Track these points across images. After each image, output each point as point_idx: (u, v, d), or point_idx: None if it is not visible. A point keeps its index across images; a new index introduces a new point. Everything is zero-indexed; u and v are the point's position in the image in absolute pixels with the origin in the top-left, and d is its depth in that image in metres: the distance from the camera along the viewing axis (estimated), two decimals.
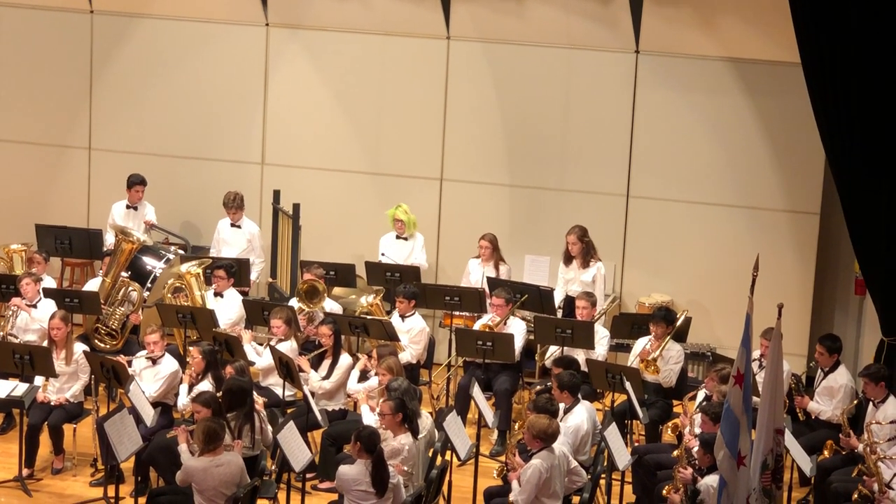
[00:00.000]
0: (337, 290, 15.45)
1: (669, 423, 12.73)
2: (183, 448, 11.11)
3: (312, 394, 12.84)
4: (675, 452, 11.58)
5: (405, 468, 11.35)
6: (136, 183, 16.13)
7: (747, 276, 10.22)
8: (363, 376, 13.16)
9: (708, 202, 15.71)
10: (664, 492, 11.34)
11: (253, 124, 16.67)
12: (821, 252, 15.63)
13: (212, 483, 10.71)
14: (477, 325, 14.36)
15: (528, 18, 15.78)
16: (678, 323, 13.90)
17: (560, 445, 11.21)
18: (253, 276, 15.75)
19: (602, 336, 14.11)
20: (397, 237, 15.82)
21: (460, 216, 16.28)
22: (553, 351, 14.10)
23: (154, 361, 12.90)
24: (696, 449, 11.11)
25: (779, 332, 9.93)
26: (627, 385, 12.70)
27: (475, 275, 15.40)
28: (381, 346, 13.15)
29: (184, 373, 12.87)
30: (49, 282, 14.79)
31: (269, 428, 11.86)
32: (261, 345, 13.71)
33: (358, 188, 16.43)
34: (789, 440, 11.69)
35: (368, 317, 14.29)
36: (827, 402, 13.06)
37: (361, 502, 10.66)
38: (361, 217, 16.18)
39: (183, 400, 12.60)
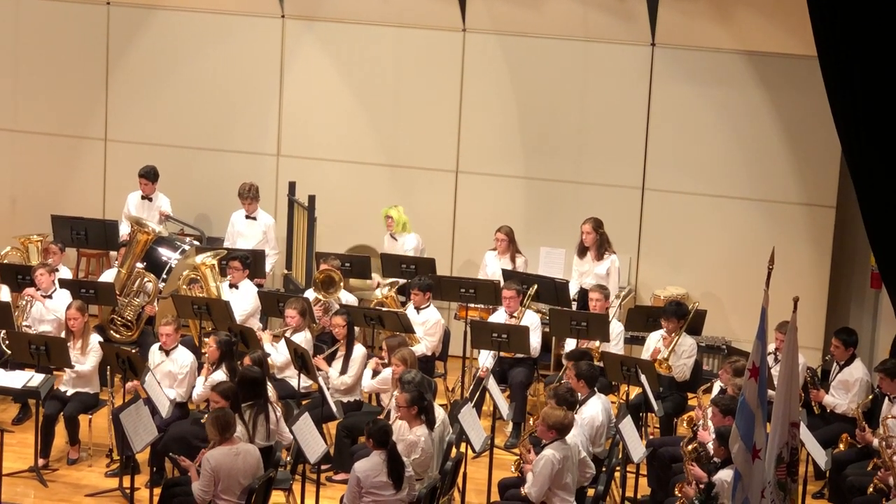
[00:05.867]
0: (352, 282, 15.45)
1: (684, 416, 12.73)
2: (195, 486, 10.83)
3: (327, 385, 12.84)
4: (687, 448, 11.55)
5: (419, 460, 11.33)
6: (140, 175, 16.09)
7: (763, 269, 10.20)
8: (376, 375, 13.15)
9: (723, 195, 15.69)
10: (676, 490, 11.33)
11: (269, 116, 16.68)
12: (836, 245, 15.60)
13: (231, 473, 10.69)
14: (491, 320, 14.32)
15: (544, 11, 15.77)
16: (689, 316, 13.86)
17: (574, 437, 11.19)
18: (267, 268, 15.75)
19: (617, 332, 14.06)
20: (390, 235, 15.81)
21: (475, 208, 16.27)
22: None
23: (167, 353, 12.88)
24: (710, 443, 11.10)
25: (794, 325, 9.90)
26: (642, 378, 12.69)
27: (492, 267, 15.38)
28: (390, 338, 13.10)
29: (200, 364, 12.88)
30: (65, 272, 14.80)
31: (283, 423, 11.80)
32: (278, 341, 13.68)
33: (373, 180, 16.43)
34: (804, 434, 11.68)
35: (383, 308, 14.29)
36: (842, 396, 13.04)
37: (380, 492, 10.63)
38: (377, 209, 16.13)
39: (198, 390, 12.60)
